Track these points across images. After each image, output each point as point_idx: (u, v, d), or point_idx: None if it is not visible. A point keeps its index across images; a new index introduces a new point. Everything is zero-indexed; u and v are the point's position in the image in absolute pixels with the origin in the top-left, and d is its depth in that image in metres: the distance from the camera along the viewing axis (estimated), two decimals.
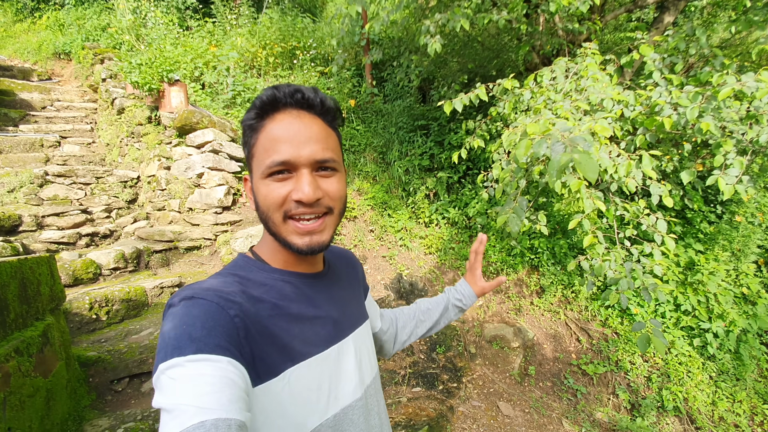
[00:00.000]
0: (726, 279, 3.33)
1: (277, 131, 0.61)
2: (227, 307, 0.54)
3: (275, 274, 0.66)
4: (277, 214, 0.62)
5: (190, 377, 0.46)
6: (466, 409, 2.97)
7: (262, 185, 0.62)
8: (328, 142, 0.64)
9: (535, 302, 3.95)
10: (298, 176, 0.61)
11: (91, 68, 5.67)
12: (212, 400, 0.44)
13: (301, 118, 0.63)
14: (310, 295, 0.68)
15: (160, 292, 2.83)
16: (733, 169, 1.91)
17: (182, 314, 0.51)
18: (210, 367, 0.47)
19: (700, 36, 2.35)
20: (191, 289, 0.55)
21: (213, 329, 0.50)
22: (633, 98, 2.30)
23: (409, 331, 1.04)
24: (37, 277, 1.54)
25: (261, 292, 0.62)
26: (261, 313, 0.58)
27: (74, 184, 3.95)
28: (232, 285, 0.59)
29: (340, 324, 0.71)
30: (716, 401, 3.10)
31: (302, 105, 0.63)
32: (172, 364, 0.47)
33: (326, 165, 0.63)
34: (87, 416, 1.73)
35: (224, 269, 0.66)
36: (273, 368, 0.57)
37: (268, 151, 0.61)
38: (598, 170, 1.06)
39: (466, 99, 2.48)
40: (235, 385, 0.47)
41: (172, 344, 0.48)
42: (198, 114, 3.64)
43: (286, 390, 0.58)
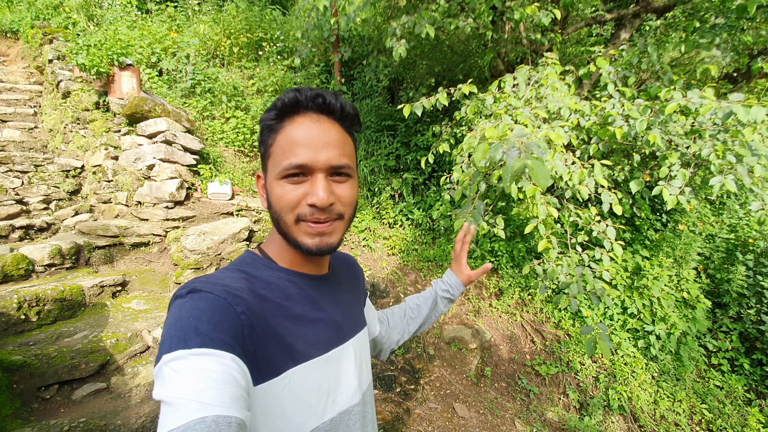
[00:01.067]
0: (668, 284, 3.52)
1: (296, 134, 0.62)
2: (234, 303, 0.54)
3: (281, 273, 0.67)
4: (290, 215, 0.63)
5: (193, 371, 0.45)
6: (422, 411, 2.97)
7: (276, 186, 0.63)
8: (345, 148, 0.65)
9: (493, 304, 4.03)
10: (314, 180, 0.62)
11: (40, 48, 5.24)
12: (214, 396, 0.44)
13: (320, 122, 0.63)
14: (314, 296, 0.69)
15: (100, 291, 2.64)
16: (676, 181, 2.01)
17: (190, 306, 0.51)
18: (214, 363, 0.47)
19: (652, 53, 2.46)
20: (199, 282, 0.55)
21: (219, 324, 0.50)
22: (589, 108, 2.37)
23: (401, 330, 1.05)
24: None
25: (267, 291, 0.62)
26: (266, 312, 0.59)
27: (11, 171, 3.62)
28: (240, 281, 0.59)
29: (342, 328, 0.72)
30: (658, 400, 3.27)
31: (322, 109, 0.64)
32: (176, 356, 0.46)
33: (341, 171, 0.64)
34: (8, 426, 1.56)
35: (231, 264, 0.66)
36: (275, 367, 0.57)
37: (286, 153, 0.62)
38: (549, 176, 1.06)
39: (426, 103, 2.47)
40: (237, 383, 0.47)
41: (178, 336, 0.48)
42: (150, 101, 3.42)
43: (286, 390, 0.58)
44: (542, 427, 3.01)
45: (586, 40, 6.23)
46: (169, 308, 0.54)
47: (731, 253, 3.72)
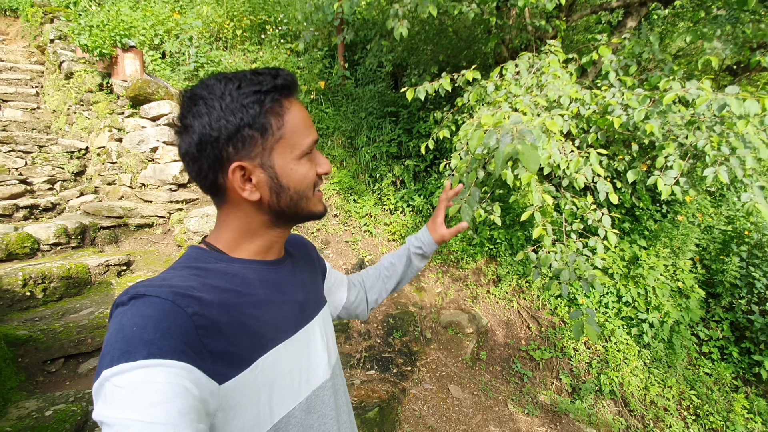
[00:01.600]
0: (664, 274, 3.56)
1: (300, 114, 0.65)
2: (184, 304, 0.49)
3: (236, 264, 0.64)
4: (311, 190, 0.66)
5: (138, 385, 0.42)
6: (417, 391, 3.05)
7: (298, 166, 0.64)
8: None
9: (491, 291, 4.09)
10: (315, 153, 0.68)
11: (40, 27, 5.21)
12: (161, 411, 0.41)
13: (298, 101, 0.67)
14: (274, 280, 0.67)
15: (106, 270, 2.70)
16: (672, 171, 2.03)
17: (132, 314, 0.47)
18: (162, 374, 0.43)
19: (653, 41, 2.45)
20: (142, 286, 0.50)
21: (168, 330, 0.46)
22: (589, 97, 2.38)
23: (377, 291, 1.08)
24: None
25: (223, 282, 0.59)
26: (228, 303, 0.56)
27: (13, 152, 3.66)
28: (190, 279, 0.55)
29: (306, 307, 0.72)
30: (648, 386, 3.34)
31: (293, 91, 0.67)
32: (119, 370, 0.42)
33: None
34: (13, 398, 1.63)
35: (177, 263, 0.62)
36: (244, 359, 0.55)
37: (303, 132, 0.64)
38: (539, 162, 1.09)
39: (430, 88, 2.47)
40: (188, 394, 0.44)
41: (120, 348, 0.44)
42: (154, 84, 3.44)
43: (259, 378, 0.56)
44: (534, 409, 3.10)
45: (594, 27, 6.15)
46: (110, 318, 0.49)
47: (727, 244, 3.76)
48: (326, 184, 4.65)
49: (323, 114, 5.08)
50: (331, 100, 5.36)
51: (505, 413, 3.02)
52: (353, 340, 3.39)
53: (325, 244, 4.24)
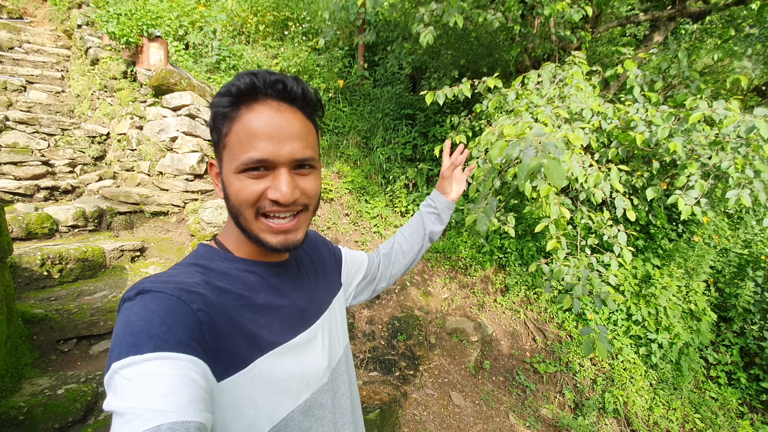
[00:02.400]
0: (677, 294, 3.50)
1: (255, 124, 0.57)
2: (189, 300, 0.51)
3: (239, 264, 0.65)
4: (250, 210, 0.60)
5: (147, 377, 0.43)
6: (419, 396, 3.05)
7: (234, 179, 0.59)
8: (308, 139, 0.62)
9: (498, 300, 4.06)
10: (276, 175, 0.59)
11: (68, 12, 5.32)
12: (170, 401, 0.42)
13: (281, 111, 0.59)
14: (275, 284, 0.67)
15: (120, 254, 2.75)
16: (693, 191, 1.99)
17: (139, 309, 0.48)
18: (169, 366, 0.44)
19: (682, 58, 2.41)
20: (149, 282, 0.52)
21: (173, 325, 0.48)
22: (612, 111, 2.35)
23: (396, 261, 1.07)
24: None
25: (225, 283, 0.60)
26: (226, 304, 0.57)
27: (37, 133, 3.74)
28: (194, 276, 0.57)
29: (307, 311, 0.71)
30: (653, 407, 3.29)
31: (283, 96, 0.59)
32: (127, 363, 0.44)
33: (305, 163, 0.61)
34: (27, 374, 1.67)
35: (185, 260, 0.63)
36: (241, 360, 0.55)
37: (245, 145, 0.57)
38: (565, 177, 1.08)
39: (449, 93, 2.47)
40: (196, 384, 0.45)
41: (128, 341, 0.45)
42: (177, 75, 3.48)
43: (255, 380, 0.57)
44: (535, 422, 3.07)
45: (619, 40, 6.07)
46: (118, 312, 0.50)
47: (742, 268, 3.68)
48: (339, 184, 4.66)
49: (340, 113, 5.10)
50: (348, 99, 5.38)
51: (506, 424, 3.00)
52: (357, 341, 3.39)
53: (335, 242, 4.25)
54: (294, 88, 0.60)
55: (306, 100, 0.62)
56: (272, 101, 0.59)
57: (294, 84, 0.60)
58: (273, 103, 0.59)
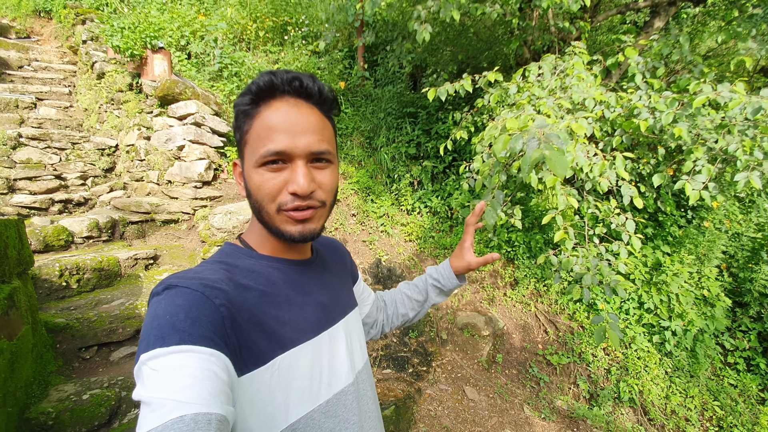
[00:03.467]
0: (689, 281, 3.48)
1: (272, 119, 0.60)
2: (212, 295, 0.52)
3: (263, 261, 0.66)
4: (272, 205, 0.61)
5: (171, 369, 0.45)
6: (433, 391, 3.07)
7: (255, 174, 0.61)
8: (324, 134, 0.63)
9: (508, 293, 4.06)
10: (294, 167, 0.61)
11: (72, 28, 5.43)
12: (193, 393, 0.43)
13: (298, 107, 0.61)
14: (299, 281, 0.68)
15: (134, 263, 2.81)
16: (700, 176, 1.99)
17: (166, 303, 0.50)
18: (193, 359, 0.46)
19: (683, 43, 2.40)
20: (176, 278, 0.54)
21: (197, 319, 0.49)
22: (614, 100, 2.35)
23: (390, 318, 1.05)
24: (4, 240, 1.51)
25: (249, 280, 0.61)
26: (249, 301, 0.58)
27: (49, 148, 3.82)
28: (219, 272, 0.58)
29: (330, 310, 0.71)
30: (670, 395, 3.27)
31: (300, 93, 0.62)
32: (154, 354, 0.46)
33: (322, 157, 0.63)
34: (53, 381, 1.72)
35: (211, 257, 0.65)
36: (261, 356, 0.56)
37: (263, 139, 0.60)
38: (567, 167, 1.10)
39: (450, 88, 2.49)
40: (218, 378, 0.47)
41: (155, 334, 0.47)
42: (181, 84, 3.54)
43: (275, 377, 0.57)
44: (550, 413, 3.08)
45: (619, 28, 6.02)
46: (148, 306, 0.52)
47: (756, 252, 3.64)
48: (344, 185, 4.69)
49: (343, 114, 5.13)
50: (350, 101, 5.41)
51: (521, 417, 3.00)
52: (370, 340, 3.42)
53: (343, 243, 4.28)
54: (310, 85, 0.62)
55: (322, 97, 0.64)
56: (289, 98, 0.62)
57: (310, 81, 0.62)
58: (290, 99, 0.61)
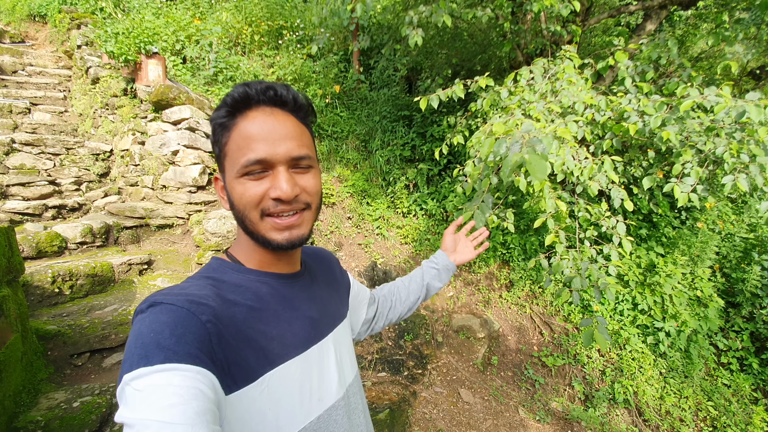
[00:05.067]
0: (682, 282, 3.50)
1: (251, 129, 0.60)
2: (198, 312, 0.51)
3: (251, 276, 0.65)
4: (255, 212, 0.61)
5: (156, 388, 0.44)
6: (428, 394, 3.07)
7: (237, 184, 0.61)
8: (303, 139, 0.64)
9: (503, 295, 4.08)
10: (275, 174, 0.61)
11: (67, 33, 5.42)
12: (178, 413, 0.42)
13: (275, 115, 0.62)
14: (287, 295, 0.67)
15: (128, 268, 2.80)
16: (689, 178, 2.01)
17: (150, 321, 0.49)
18: (178, 377, 0.45)
19: (672, 47, 2.42)
20: (160, 295, 0.53)
21: (183, 336, 0.48)
22: (604, 103, 2.37)
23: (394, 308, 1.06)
24: None
25: (236, 295, 0.60)
26: (237, 317, 0.57)
27: (43, 153, 3.82)
28: (205, 288, 0.57)
29: (319, 324, 0.70)
30: (664, 396, 3.29)
31: (275, 102, 0.63)
32: (138, 374, 0.44)
33: (302, 162, 0.63)
34: (43, 389, 1.72)
35: (197, 273, 0.65)
36: (250, 373, 0.55)
37: (243, 149, 0.60)
38: (547, 172, 1.11)
39: (443, 96, 2.50)
40: (204, 397, 0.46)
41: (139, 353, 0.46)
42: (175, 89, 3.55)
43: (265, 394, 0.56)
44: (545, 415, 3.08)
45: (613, 30, 6.06)
46: (132, 325, 0.51)
47: (748, 252, 3.66)
48: (340, 188, 4.70)
49: (338, 118, 5.14)
50: (346, 104, 5.43)
51: (515, 419, 3.01)
52: (364, 342, 3.42)
53: (338, 246, 4.29)
54: (284, 93, 0.63)
55: (297, 104, 0.65)
56: (265, 107, 0.62)
57: (284, 90, 0.63)
58: (266, 108, 0.62)
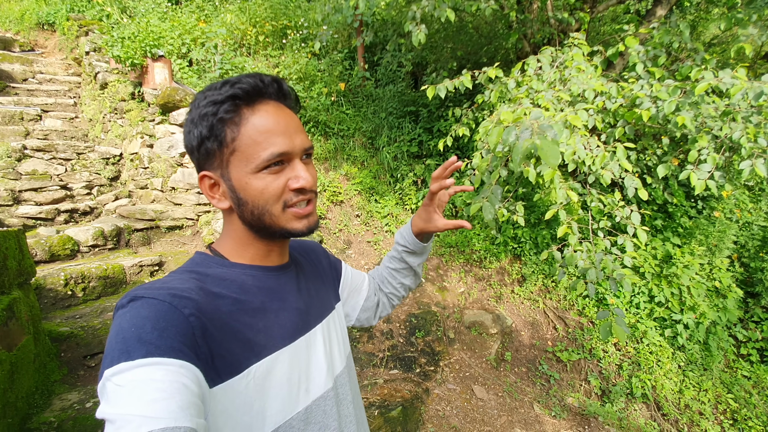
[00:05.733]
0: (700, 272, 3.41)
1: (267, 123, 0.60)
2: (181, 305, 0.51)
3: (236, 269, 0.65)
4: (277, 205, 0.61)
5: (138, 383, 0.43)
6: (441, 391, 3.04)
7: (254, 180, 0.60)
8: (304, 131, 0.66)
9: (516, 290, 4.02)
10: (293, 166, 0.62)
11: (76, 40, 5.50)
12: (161, 407, 0.42)
13: (282, 109, 0.63)
14: (273, 287, 0.67)
15: (139, 270, 2.82)
16: (705, 165, 1.94)
17: (131, 316, 0.48)
18: (161, 372, 0.44)
19: (684, 30, 2.35)
20: (142, 289, 0.52)
21: (165, 330, 0.47)
22: (615, 90, 2.31)
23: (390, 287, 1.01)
24: (3, 252, 1.52)
25: (221, 288, 0.60)
26: (221, 309, 0.57)
27: (54, 159, 3.87)
28: (188, 282, 0.57)
29: (307, 315, 0.70)
30: (683, 389, 3.21)
31: (279, 96, 0.64)
32: (118, 369, 0.44)
33: (309, 152, 0.65)
34: (56, 390, 1.74)
35: (180, 267, 0.64)
36: (235, 365, 0.55)
37: (262, 144, 0.59)
38: (559, 157, 1.07)
39: (450, 85, 2.46)
40: (188, 390, 0.45)
41: (120, 348, 0.45)
42: (181, 91, 3.57)
43: (251, 386, 0.56)
44: (561, 411, 3.03)
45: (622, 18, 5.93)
46: (113, 320, 0.50)
47: (767, 241, 3.55)
48: (348, 186, 4.69)
49: (344, 115, 5.13)
50: (351, 102, 5.41)
51: (531, 415, 2.96)
52: (376, 339, 3.41)
53: (347, 244, 4.28)
54: (286, 87, 0.65)
55: (294, 98, 0.67)
56: (272, 101, 0.63)
57: (285, 84, 0.65)
58: (274, 102, 0.63)
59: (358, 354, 3.20)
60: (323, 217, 4.36)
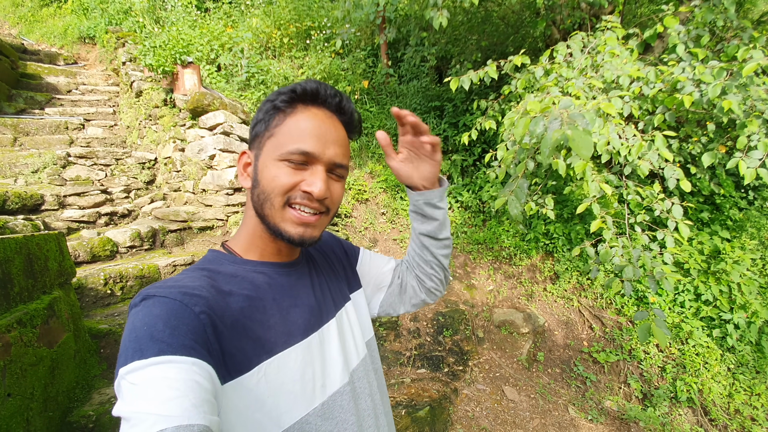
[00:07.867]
0: (751, 268, 3.16)
1: (308, 123, 0.63)
2: (192, 303, 0.51)
3: (247, 266, 0.65)
4: (280, 198, 0.62)
5: (151, 381, 0.44)
6: (470, 392, 2.98)
7: (272, 166, 0.62)
8: (347, 150, 0.68)
9: (548, 288, 3.88)
10: (314, 170, 0.63)
11: (114, 52, 5.78)
12: (174, 405, 0.42)
13: (332, 119, 0.66)
14: (285, 284, 0.67)
15: (173, 269, 2.93)
16: (756, 152, 1.78)
17: (143, 314, 0.49)
18: (173, 370, 0.45)
19: (729, 6, 2.16)
20: (153, 288, 0.53)
21: (177, 328, 0.48)
22: (653, 75, 2.16)
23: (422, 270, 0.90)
24: (44, 253, 1.60)
25: (232, 285, 0.60)
26: (232, 306, 0.57)
27: (95, 165, 4.08)
28: (199, 279, 0.57)
29: (319, 310, 0.70)
30: (733, 393, 2.99)
31: (336, 109, 0.67)
32: (132, 368, 0.45)
33: (338, 170, 0.66)
34: (96, 385, 1.82)
35: (193, 265, 0.65)
36: (246, 363, 0.55)
37: (294, 137, 0.62)
38: (592, 148, 1.00)
39: (474, 77, 2.39)
40: (201, 388, 0.45)
41: (133, 347, 0.46)
42: (209, 96, 3.66)
43: (262, 383, 0.56)
44: (598, 415, 2.89)
45: None
46: (127, 319, 0.51)
47: None
48: (373, 184, 4.68)
49: (368, 113, 5.12)
50: (375, 99, 5.39)
51: (565, 418, 2.85)
52: (403, 338, 3.38)
53: (373, 242, 4.26)
54: (347, 105, 0.68)
55: (351, 119, 0.70)
56: (327, 110, 0.67)
57: (347, 102, 0.68)
58: (327, 111, 0.66)
59: (385, 352, 3.19)
60: (349, 215, 4.37)
